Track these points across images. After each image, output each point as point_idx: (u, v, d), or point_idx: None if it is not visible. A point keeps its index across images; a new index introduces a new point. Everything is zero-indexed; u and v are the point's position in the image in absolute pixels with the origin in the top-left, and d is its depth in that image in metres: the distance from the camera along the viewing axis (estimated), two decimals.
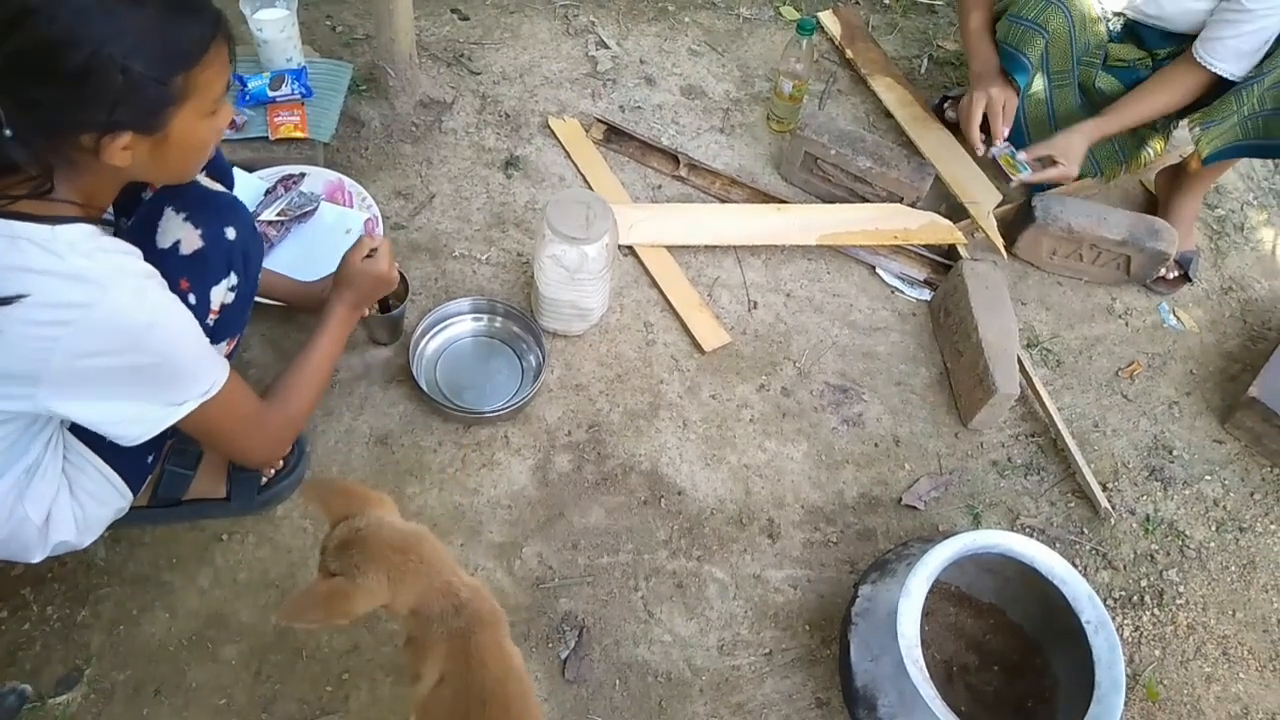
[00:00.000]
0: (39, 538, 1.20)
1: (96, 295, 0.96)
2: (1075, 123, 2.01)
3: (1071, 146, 1.97)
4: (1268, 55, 1.80)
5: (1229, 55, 1.82)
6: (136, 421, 1.08)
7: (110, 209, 1.15)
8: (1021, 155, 2.01)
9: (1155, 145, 2.16)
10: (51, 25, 0.89)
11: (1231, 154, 1.91)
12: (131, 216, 1.20)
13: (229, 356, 1.25)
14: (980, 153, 2.07)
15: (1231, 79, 1.84)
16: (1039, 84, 2.03)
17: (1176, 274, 2.10)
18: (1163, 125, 2.10)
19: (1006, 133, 2.02)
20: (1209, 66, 1.84)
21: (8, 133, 0.93)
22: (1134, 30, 2.00)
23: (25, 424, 1.12)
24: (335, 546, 1.05)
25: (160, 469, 1.43)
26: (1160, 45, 1.98)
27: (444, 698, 1.03)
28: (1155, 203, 2.22)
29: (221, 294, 1.21)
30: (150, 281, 1.02)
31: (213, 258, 1.18)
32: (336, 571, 1.03)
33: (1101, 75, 2.03)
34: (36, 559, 1.22)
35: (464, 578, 1.09)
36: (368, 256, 1.47)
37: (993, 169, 2.09)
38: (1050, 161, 1.98)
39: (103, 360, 1.00)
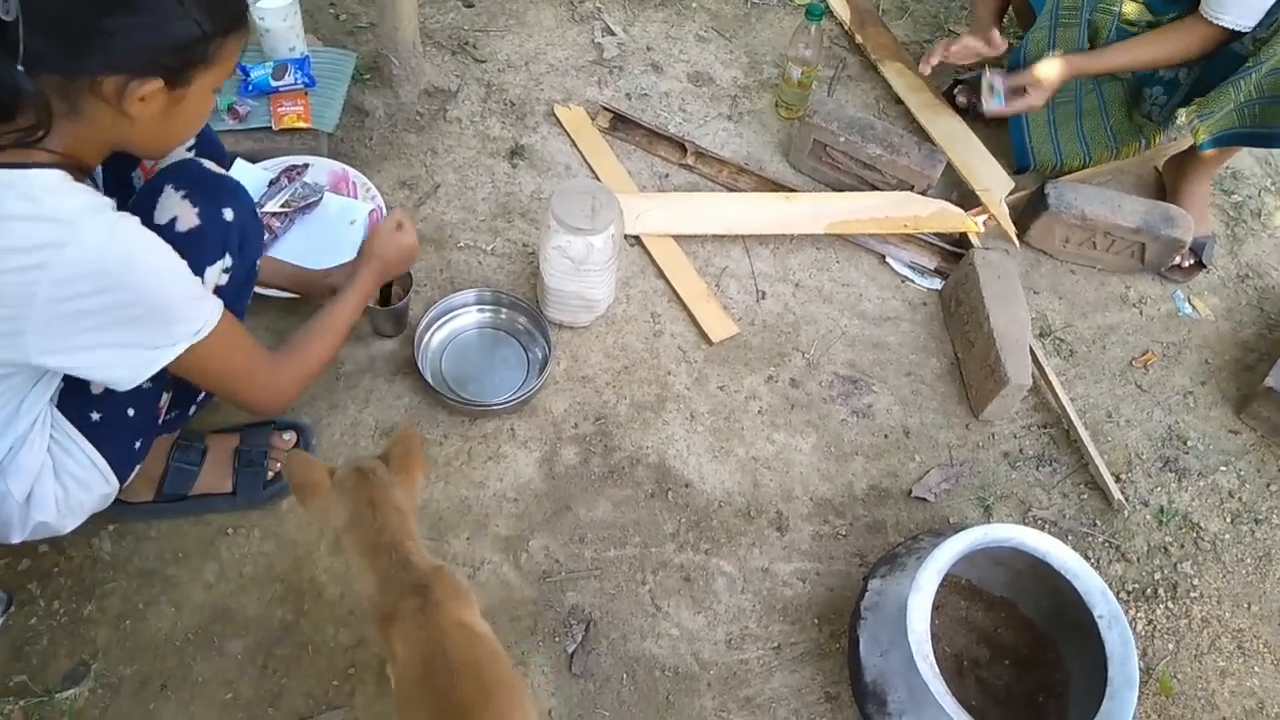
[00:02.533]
0: (19, 516, 1.18)
1: (68, 234, 0.95)
2: None
3: (1046, 74, 1.93)
4: (1264, 42, 1.76)
5: (1233, 6, 1.75)
6: (127, 364, 1.06)
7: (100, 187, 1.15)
8: (999, 82, 1.99)
9: (1152, 135, 2.10)
10: None
11: (1227, 141, 1.87)
12: (128, 199, 1.19)
13: None
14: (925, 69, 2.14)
15: (1238, 29, 1.77)
16: (1044, 22, 1.97)
17: (1191, 261, 2.06)
18: (1160, 115, 2.05)
19: (935, 61, 2.10)
20: (1216, 21, 1.77)
21: (20, 67, 0.93)
22: None
23: (17, 391, 1.10)
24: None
25: (166, 463, 1.43)
26: (1164, 10, 1.93)
27: (412, 677, 1.03)
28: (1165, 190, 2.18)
29: (215, 275, 1.20)
30: (124, 219, 1.01)
31: (209, 237, 1.18)
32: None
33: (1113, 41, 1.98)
34: (15, 539, 1.20)
35: (425, 556, 1.12)
36: (396, 228, 1.53)
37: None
38: (1023, 91, 1.96)
39: (83, 303, 0.98)
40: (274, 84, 1.88)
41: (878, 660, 1.33)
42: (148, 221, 1.11)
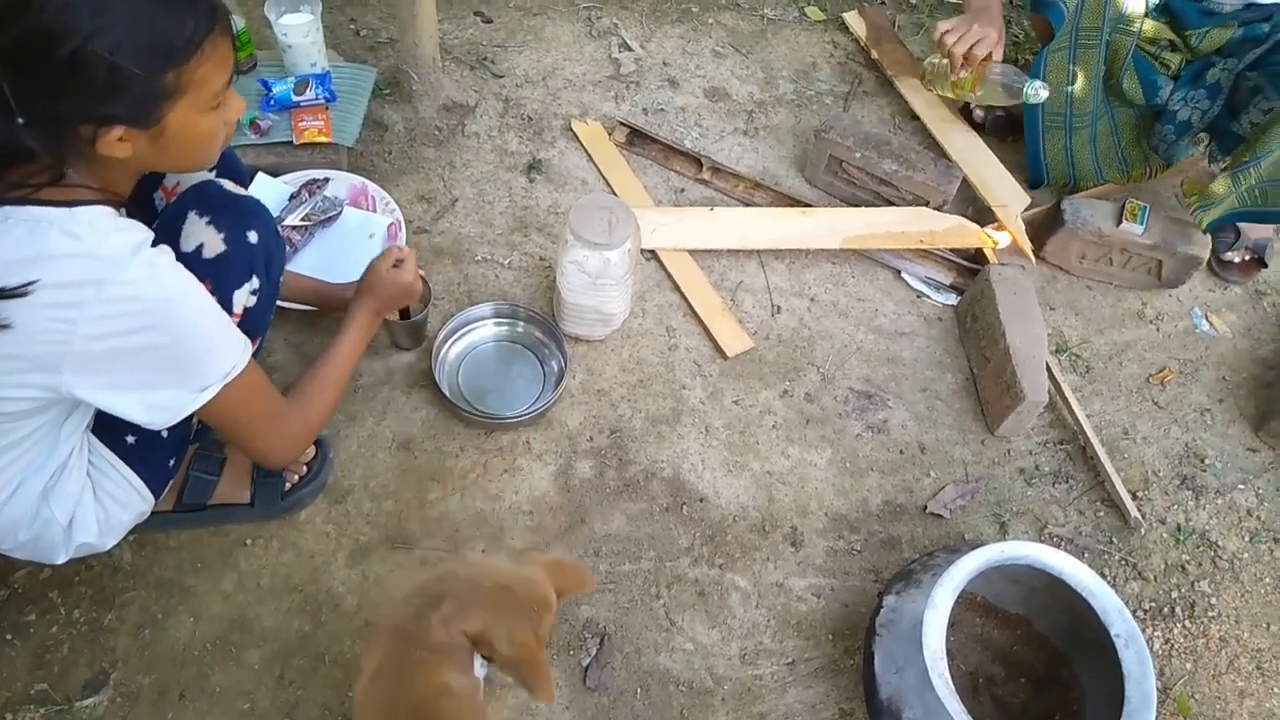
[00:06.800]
0: (63, 539, 1.21)
1: (108, 272, 0.96)
2: (1094, 84, 1.96)
3: None
4: (1264, 132, 1.77)
5: None
6: (161, 407, 1.07)
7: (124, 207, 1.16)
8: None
9: (1156, 167, 2.12)
10: (43, 16, 0.90)
11: (1229, 220, 1.92)
12: (149, 219, 1.21)
13: None
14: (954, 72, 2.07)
15: None
16: (1063, 41, 1.95)
17: (1250, 258, 2.07)
18: (1166, 152, 2.06)
19: (965, 72, 2.05)
20: None
21: (20, 120, 0.94)
22: (1170, 7, 1.94)
23: (55, 421, 1.13)
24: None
25: (185, 474, 1.45)
26: (1198, 24, 1.90)
27: (376, 698, 1.03)
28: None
29: (244, 298, 1.21)
30: (163, 258, 1.02)
31: (235, 261, 1.19)
32: None
33: (1129, 72, 1.97)
34: (60, 560, 1.24)
35: (452, 626, 1.04)
36: (394, 266, 1.49)
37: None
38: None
39: (120, 341, 0.99)
40: (295, 99, 1.90)
41: (893, 677, 1.32)
42: (174, 248, 1.12)
